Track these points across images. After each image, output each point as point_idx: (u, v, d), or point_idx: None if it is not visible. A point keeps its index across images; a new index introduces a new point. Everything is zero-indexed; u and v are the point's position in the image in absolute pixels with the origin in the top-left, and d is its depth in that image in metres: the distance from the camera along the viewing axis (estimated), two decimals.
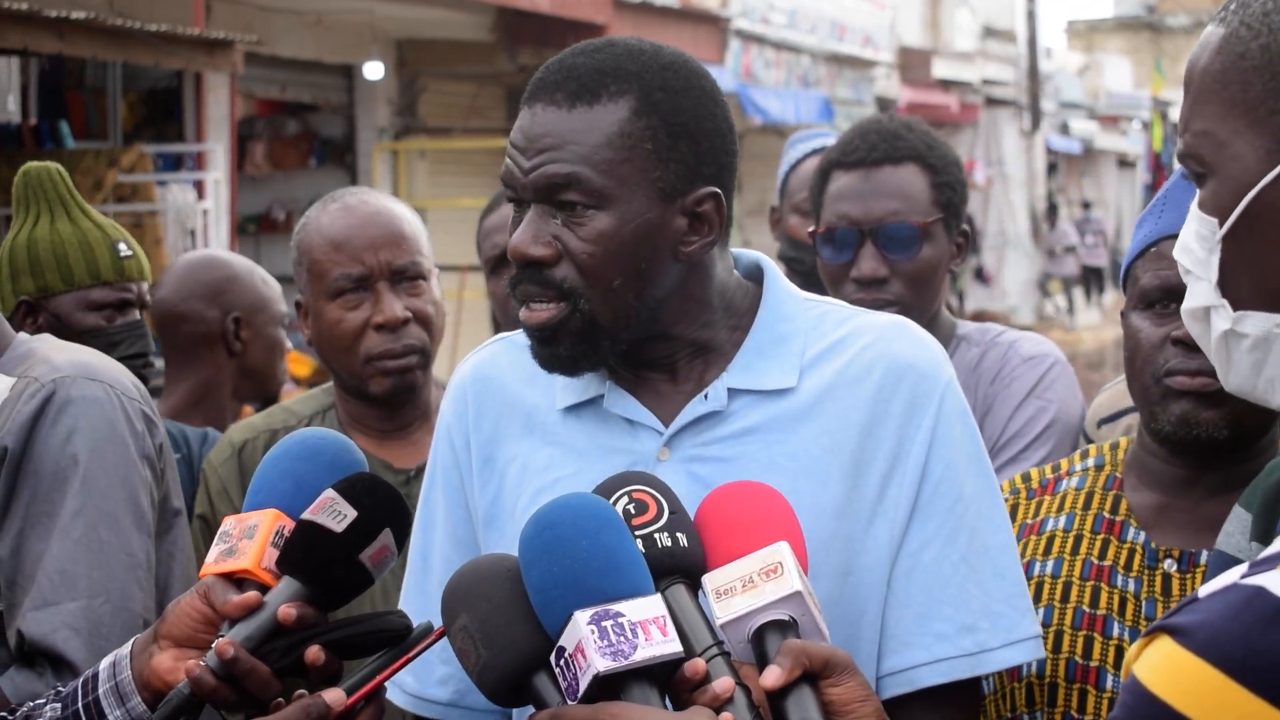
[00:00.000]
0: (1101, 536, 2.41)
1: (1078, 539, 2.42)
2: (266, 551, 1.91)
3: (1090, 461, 2.50)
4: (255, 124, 17.04)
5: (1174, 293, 2.29)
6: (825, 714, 1.76)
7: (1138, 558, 2.37)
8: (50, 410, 2.54)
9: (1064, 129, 34.04)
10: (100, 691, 1.98)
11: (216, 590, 1.92)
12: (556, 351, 2.05)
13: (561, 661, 1.75)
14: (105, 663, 2.01)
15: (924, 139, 3.28)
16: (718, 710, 1.73)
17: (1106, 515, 2.42)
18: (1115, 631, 2.34)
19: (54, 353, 2.65)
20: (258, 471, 2.00)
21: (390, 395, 3.18)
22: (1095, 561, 2.39)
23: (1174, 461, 2.37)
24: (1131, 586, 2.35)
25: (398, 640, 1.91)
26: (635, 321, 2.05)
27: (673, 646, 1.73)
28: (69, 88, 13.48)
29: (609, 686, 1.72)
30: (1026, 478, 2.55)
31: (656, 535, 1.83)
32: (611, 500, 1.86)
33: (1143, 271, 2.34)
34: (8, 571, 2.51)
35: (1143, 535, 2.38)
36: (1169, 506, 2.38)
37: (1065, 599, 2.37)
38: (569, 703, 1.74)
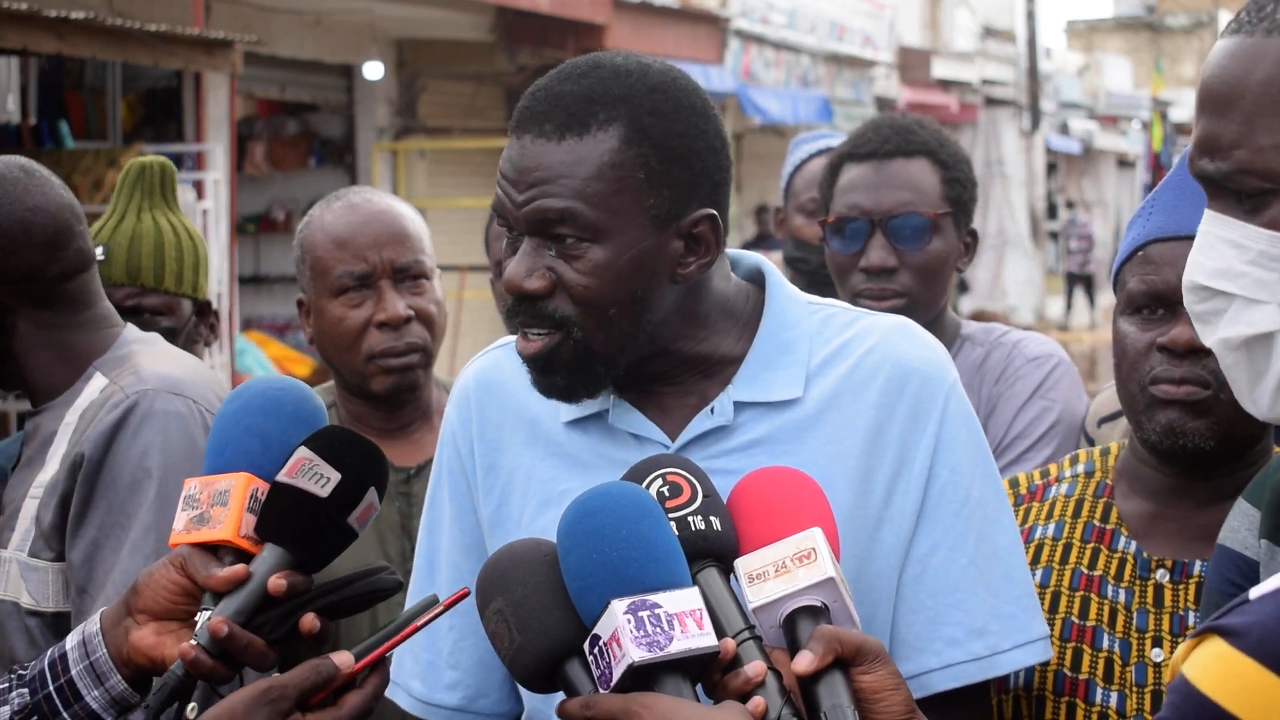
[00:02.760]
0: (1091, 545, 2.37)
1: (1066, 548, 2.38)
2: (243, 518, 1.88)
3: (1080, 467, 2.46)
4: (255, 124, 17.03)
5: (1160, 298, 2.27)
6: (855, 701, 1.76)
7: (1129, 568, 2.33)
8: (130, 423, 2.53)
9: (1063, 129, 34.03)
10: (74, 672, 1.95)
11: (195, 562, 1.89)
12: (554, 381, 2.04)
13: (595, 650, 1.75)
14: (72, 641, 1.97)
15: (935, 136, 3.31)
16: (749, 694, 1.74)
17: (1096, 524, 2.38)
18: (1105, 644, 2.30)
19: (145, 361, 2.64)
20: (215, 429, 1.95)
21: (392, 393, 3.17)
22: (1085, 571, 2.35)
23: (1165, 469, 2.33)
24: (1122, 597, 2.32)
25: (389, 597, 1.90)
26: (631, 346, 2.04)
27: (708, 640, 1.74)
28: (68, 88, 13.47)
29: (642, 677, 1.72)
30: (1015, 483, 2.51)
31: (690, 518, 1.83)
32: (645, 482, 1.86)
33: (1130, 275, 2.31)
34: (79, 578, 2.51)
35: (1134, 545, 2.34)
36: (1160, 515, 2.35)
37: (1054, 609, 2.34)
38: (601, 691, 1.75)
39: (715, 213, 2.05)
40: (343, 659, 1.84)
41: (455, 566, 2.19)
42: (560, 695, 1.81)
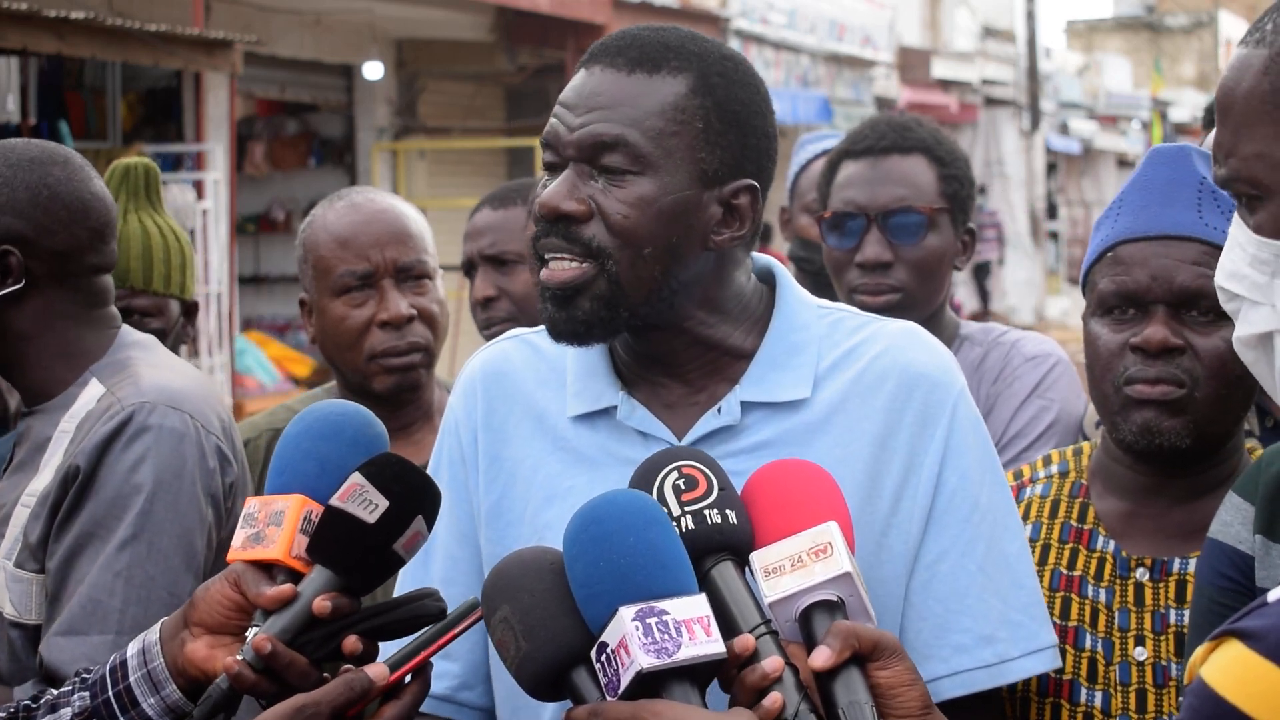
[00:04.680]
0: (1070, 546, 2.37)
1: (1045, 548, 2.38)
2: (296, 539, 1.91)
3: (1054, 468, 2.46)
4: (255, 124, 17.04)
5: (1131, 298, 2.27)
6: (872, 697, 1.77)
7: (1108, 567, 2.33)
8: (124, 435, 2.51)
9: (1063, 129, 34.02)
10: (131, 679, 1.98)
11: (248, 579, 1.92)
12: (573, 314, 2.02)
13: (603, 657, 1.75)
14: (133, 649, 2.00)
15: (932, 133, 3.32)
16: (765, 690, 1.73)
17: (1074, 524, 2.38)
18: (1087, 643, 2.30)
19: (145, 370, 2.62)
20: (278, 450, 1.98)
21: (393, 393, 3.17)
22: (1065, 572, 2.35)
23: (1140, 468, 2.33)
24: (1103, 597, 2.32)
25: (434, 624, 1.91)
26: (656, 298, 2.03)
27: (716, 647, 1.74)
28: (68, 88, 13.50)
29: (650, 684, 1.72)
30: None
31: (706, 512, 1.83)
32: (661, 475, 1.86)
33: (1100, 276, 2.31)
34: (53, 586, 2.49)
35: (1112, 544, 2.34)
36: (1137, 514, 2.35)
37: None
38: (608, 699, 1.75)
39: (757, 186, 2.07)
40: (377, 671, 1.85)
41: (450, 555, 2.19)
42: (565, 704, 1.81)
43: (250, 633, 1.88)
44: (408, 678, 1.90)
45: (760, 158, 2.08)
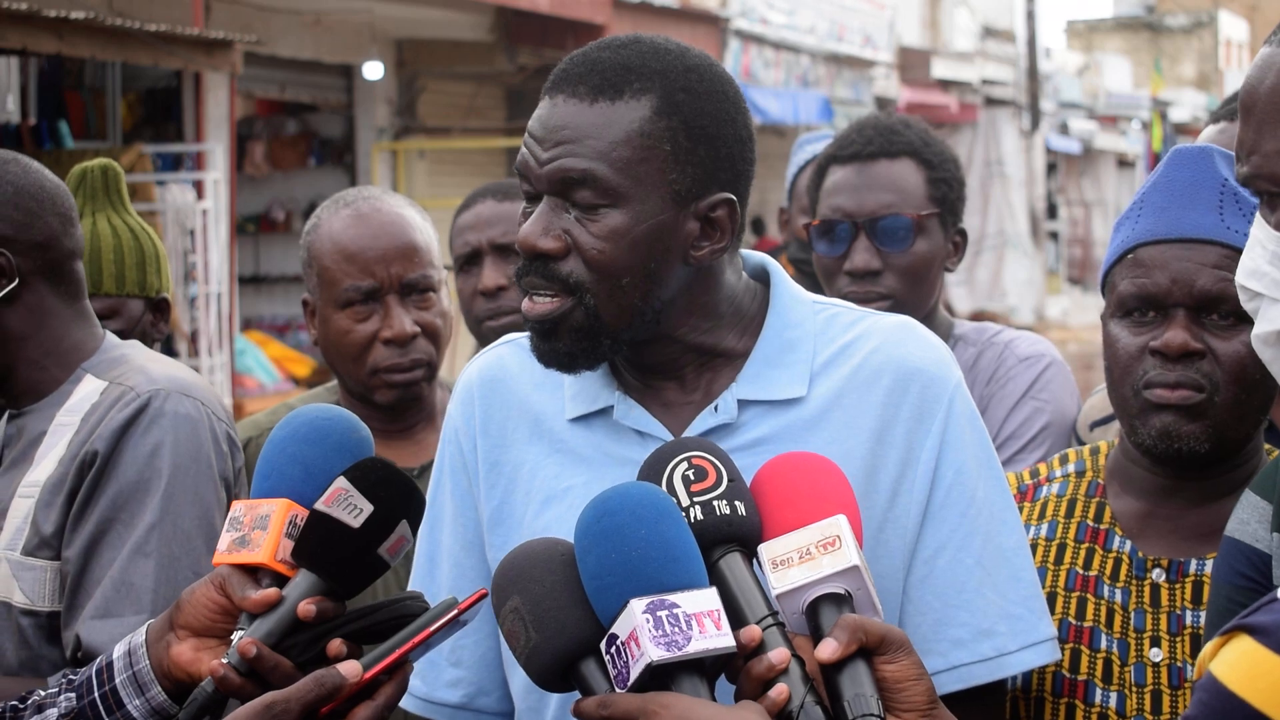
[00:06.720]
0: (1086, 545, 2.36)
1: (1061, 548, 2.38)
2: (281, 543, 1.92)
3: (1071, 467, 2.46)
4: (254, 124, 17.03)
5: (1152, 301, 2.26)
6: (878, 690, 1.77)
7: (1124, 567, 2.33)
8: (142, 421, 2.56)
9: (1063, 129, 34.00)
10: (118, 681, 1.99)
11: (233, 582, 1.93)
12: (556, 347, 2.04)
13: (613, 649, 1.76)
14: (119, 651, 2.02)
15: (921, 135, 3.29)
16: (771, 681, 1.74)
17: (1090, 523, 2.38)
18: (1103, 644, 2.30)
19: (149, 363, 2.67)
20: (263, 455, 1.99)
21: (396, 404, 3.19)
22: (1081, 571, 2.35)
23: (1157, 470, 2.33)
24: (1119, 597, 2.32)
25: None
26: (639, 322, 2.04)
27: (726, 641, 1.75)
28: (68, 88, 13.48)
29: (659, 677, 1.74)
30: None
31: (715, 502, 1.84)
32: (670, 466, 1.87)
33: (1120, 278, 2.30)
34: (73, 573, 2.52)
35: (1128, 544, 2.34)
36: (1154, 514, 2.35)
37: (1050, 610, 2.30)
38: (618, 690, 1.75)
39: (734, 198, 2.06)
40: (350, 669, 1.85)
41: (457, 564, 2.20)
42: (574, 695, 1.82)
43: (235, 636, 1.89)
44: (384, 677, 1.89)
45: (735, 164, 2.07)
